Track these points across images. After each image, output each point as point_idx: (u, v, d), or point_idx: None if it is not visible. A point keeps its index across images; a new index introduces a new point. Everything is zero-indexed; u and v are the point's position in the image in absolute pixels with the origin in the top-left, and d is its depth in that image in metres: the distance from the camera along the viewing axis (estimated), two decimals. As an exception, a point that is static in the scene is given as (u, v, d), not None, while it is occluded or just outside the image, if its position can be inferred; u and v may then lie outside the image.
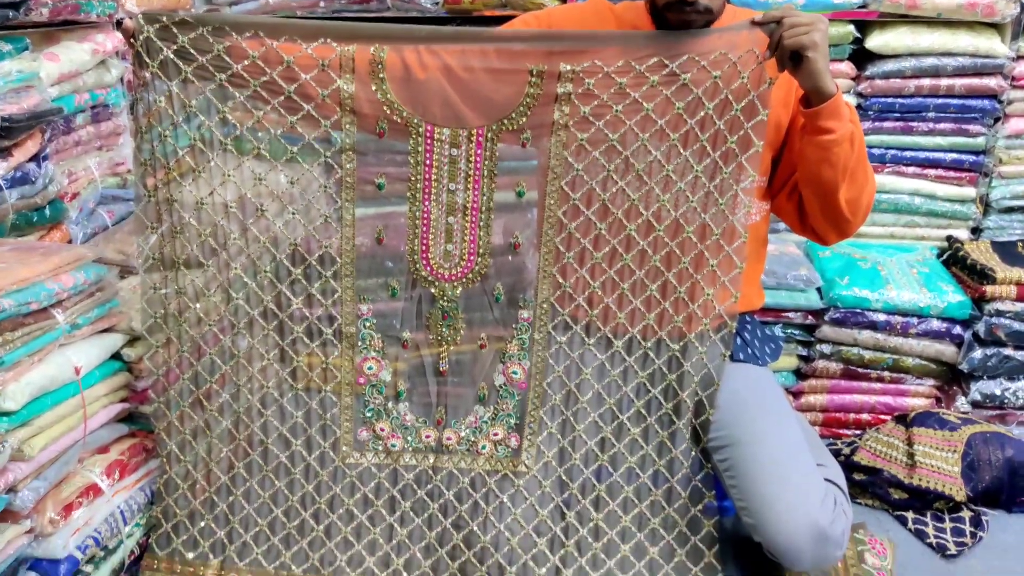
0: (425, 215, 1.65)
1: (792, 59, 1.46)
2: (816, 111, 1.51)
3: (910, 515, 2.09)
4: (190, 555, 1.81)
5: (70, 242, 2.11)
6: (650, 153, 1.58)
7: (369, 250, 1.68)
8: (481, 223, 1.65)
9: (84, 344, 1.75)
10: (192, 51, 1.54)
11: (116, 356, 1.85)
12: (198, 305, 1.71)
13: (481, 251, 1.67)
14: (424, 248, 1.67)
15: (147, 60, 1.56)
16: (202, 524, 1.81)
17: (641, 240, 1.64)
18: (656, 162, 1.59)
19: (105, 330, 1.82)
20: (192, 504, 1.81)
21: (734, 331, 1.71)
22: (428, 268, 1.68)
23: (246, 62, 1.54)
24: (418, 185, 1.63)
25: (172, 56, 1.55)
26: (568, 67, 1.52)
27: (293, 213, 1.65)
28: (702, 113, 1.55)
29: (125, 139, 2.38)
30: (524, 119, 1.57)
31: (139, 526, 1.83)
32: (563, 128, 1.57)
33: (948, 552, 1.97)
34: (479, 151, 1.60)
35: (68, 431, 1.67)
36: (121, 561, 1.78)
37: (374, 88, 1.56)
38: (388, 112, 1.57)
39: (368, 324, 1.72)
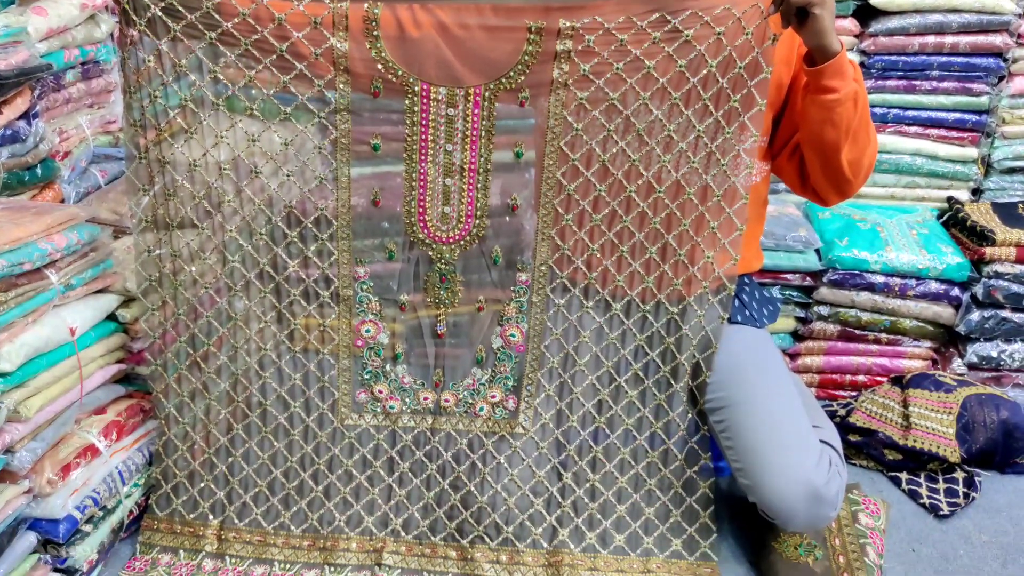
0: (422, 176, 1.63)
1: (798, 15, 1.43)
2: (820, 70, 1.48)
3: (904, 476, 2.11)
4: (190, 515, 1.82)
5: (62, 201, 2.10)
6: (651, 112, 1.55)
7: (365, 211, 1.65)
8: (479, 184, 1.62)
9: (79, 305, 1.74)
10: (180, 8, 1.50)
11: (111, 317, 1.84)
12: (193, 267, 1.70)
13: (479, 213, 1.65)
14: (421, 211, 1.65)
15: (134, 18, 1.52)
16: (201, 485, 1.82)
17: (641, 202, 1.62)
18: (657, 122, 1.55)
19: (100, 291, 1.81)
20: (191, 465, 1.81)
21: (733, 294, 1.70)
22: (425, 231, 1.66)
23: (236, 20, 1.50)
24: (414, 146, 1.60)
25: (160, 14, 1.51)
26: (567, 23, 1.48)
27: (288, 174, 1.63)
28: (704, 71, 1.51)
29: (116, 96, 2.35)
30: (523, 77, 1.52)
31: (137, 486, 1.85)
32: (562, 87, 1.53)
33: (941, 512, 1.99)
34: (476, 111, 1.56)
35: (64, 392, 1.67)
36: (120, 521, 1.79)
37: (368, 46, 1.52)
38: (383, 71, 1.53)
39: (365, 287, 1.71)
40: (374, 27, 1.50)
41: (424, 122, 1.58)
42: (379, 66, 1.53)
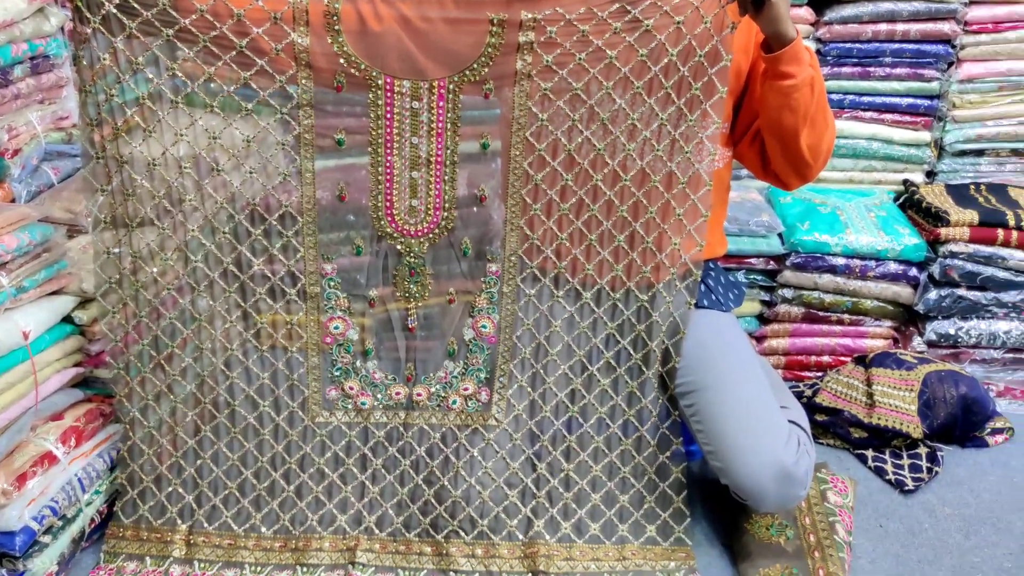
0: (388, 170, 1.61)
1: (754, 4, 1.45)
2: (777, 56, 1.51)
3: (870, 453, 2.15)
4: (157, 521, 1.78)
5: (13, 201, 2.03)
6: (614, 102, 1.56)
7: (330, 204, 1.63)
8: (446, 176, 1.61)
9: (32, 307, 1.69)
10: (136, 5, 1.46)
11: (68, 319, 1.79)
12: (154, 267, 1.66)
13: (447, 205, 1.63)
14: (388, 204, 1.63)
15: (88, 15, 1.47)
16: (169, 489, 1.78)
17: (608, 190, 1.62)
18: (621, 111, 1.56)
19: (55, 292, 1.76)
20: (158, 469, 1.78)
21: (699, 279, 1.71)
22: (393, 224, 1.65)
23: (194, 16, 1.47)
24: (379, 140, 1.58)
25: (115, 11, 1.47)
26: (529, 15, 1.48)
27: (250, 171, 1.60)
28: (665, 60, 1.52)
29: (68, 92, 2.29)
30: (486, 69, 1.52)
31: (99, 493, 1.79)
32: (526, 77, 1.53)
33: (906, 488, 2.03)
34: (441, 103, 1.55)
35: (19, 398, 1.63)
36: (81, 530, 1.74)
37: (330, 41, 1.49)
38: (345, 65, 1.51)
39: (333, 283, 1.69)
40: (335, 21, 1.48)
41: (389, 115, 1.56)
42: (341, 60, 1.51)
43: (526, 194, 1.63)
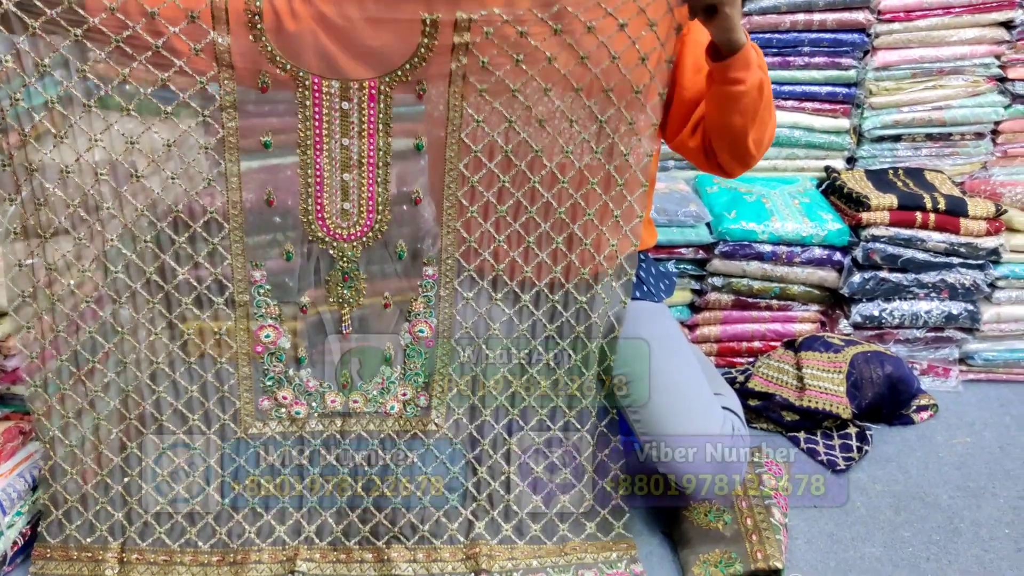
0: (318, 173, 1.55)
1: (706, 11, 1.41)
2: (727, 63, 1.46)
3: (802, 435, 2.20)
4: (87, 540, 1.71)
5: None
6: (553, 103, 1.53)
7: (257, 207, 1.57)
8: (379, 178, 1.57)
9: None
10: (38, 3, 1.38)
11: (-20, 336, 1.71)
12: (71, 280, 1.58)
13: (380, 207, 1.59)
14: (319, 208, 1.58)
15: None
16: (97, 508, 1.71)
17: (545, 192, 1.61)
18: (559, 112, 1.54)
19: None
20: (84, 488, 1.70)
21: (633, 279, 1.72)
22: (324, 228, 1.60)
23: (104, 15, 1.40)
24: (308, 141, 1.53)
25: (14, 9, 1.38)
26: (464, 16, 1.43)
27: (172, 177, 1.54)
28: (607, 62, 1.49)
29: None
30: (418, 71, 1.47)
31: (20, 514, 1.71)
32: (460, 78, 1.48)
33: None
34: (372, 104, 1.51)
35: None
36: (3, 553, 1.66)
37: (252, 40, 1.42)
38: (270, 65, 1.45)
39: (262, 291, 1.63)
40: (257, 20, 1.42)
41: (317, 116, 1.51)
42: (266, 60, 1.45)
43: (462, 196, 1.60)
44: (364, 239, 1.61)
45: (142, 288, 1.61)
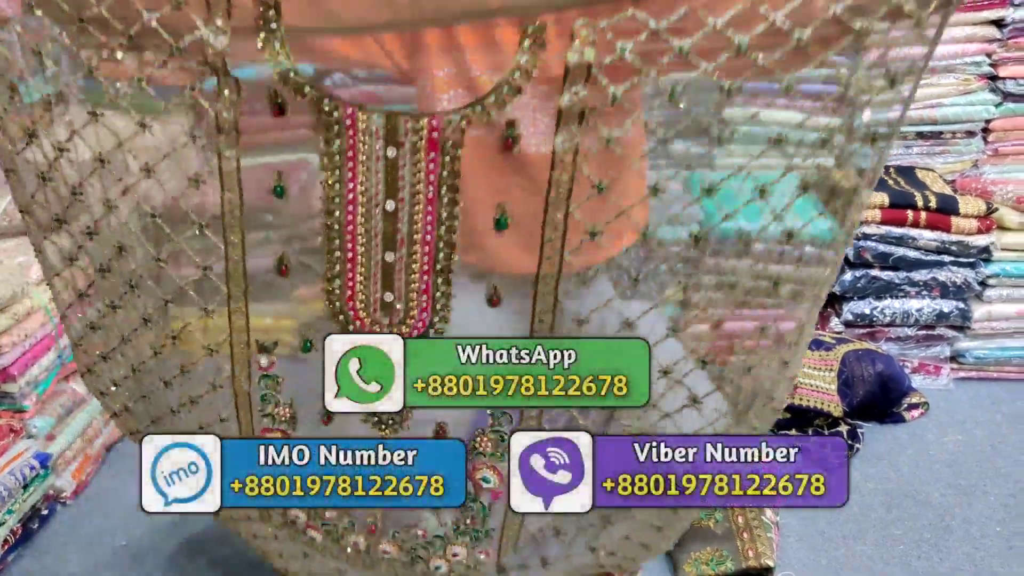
0: (350, 248, 1.06)
1: None
2: None
3: (793, 433, 2.21)
4: None
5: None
6: None
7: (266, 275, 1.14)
8: (438, 264, 1.06)
9: (-69, 325, 1.60)
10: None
11: (-30, 335, 1.70)
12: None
13: (438, 302, 1.08)
14: (350, 294, 1.09)
15: None
16: None
17: None
18: None
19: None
20: None
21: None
22: (358, 321, 1.11)
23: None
24: (335, 200, 1.03)
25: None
26: (583, 22, 0.86)
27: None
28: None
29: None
30: (507, 106, 0.94)
31: (11, 512, 1.71)
32: (575, 120, 0.92)
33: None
34: (433, 154, 0.99)
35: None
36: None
37: (261, 46, 0.97)
38: (283, 84, 0.97)
39: (267, 382, 1.16)
40: (273, 16, 0.96)
41: (351, 167, 1.01)
42: (278, 77, 0.98)
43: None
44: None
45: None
